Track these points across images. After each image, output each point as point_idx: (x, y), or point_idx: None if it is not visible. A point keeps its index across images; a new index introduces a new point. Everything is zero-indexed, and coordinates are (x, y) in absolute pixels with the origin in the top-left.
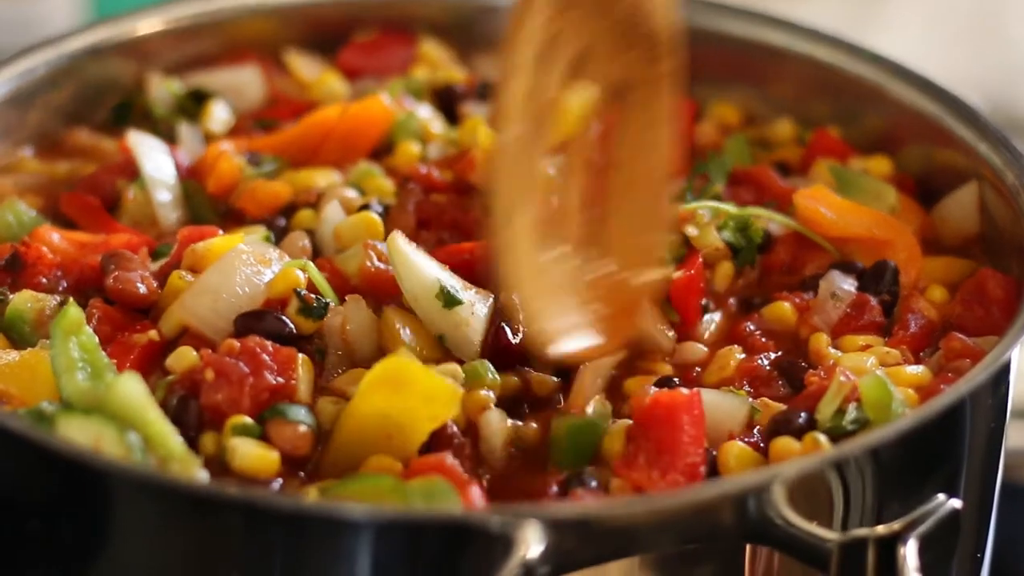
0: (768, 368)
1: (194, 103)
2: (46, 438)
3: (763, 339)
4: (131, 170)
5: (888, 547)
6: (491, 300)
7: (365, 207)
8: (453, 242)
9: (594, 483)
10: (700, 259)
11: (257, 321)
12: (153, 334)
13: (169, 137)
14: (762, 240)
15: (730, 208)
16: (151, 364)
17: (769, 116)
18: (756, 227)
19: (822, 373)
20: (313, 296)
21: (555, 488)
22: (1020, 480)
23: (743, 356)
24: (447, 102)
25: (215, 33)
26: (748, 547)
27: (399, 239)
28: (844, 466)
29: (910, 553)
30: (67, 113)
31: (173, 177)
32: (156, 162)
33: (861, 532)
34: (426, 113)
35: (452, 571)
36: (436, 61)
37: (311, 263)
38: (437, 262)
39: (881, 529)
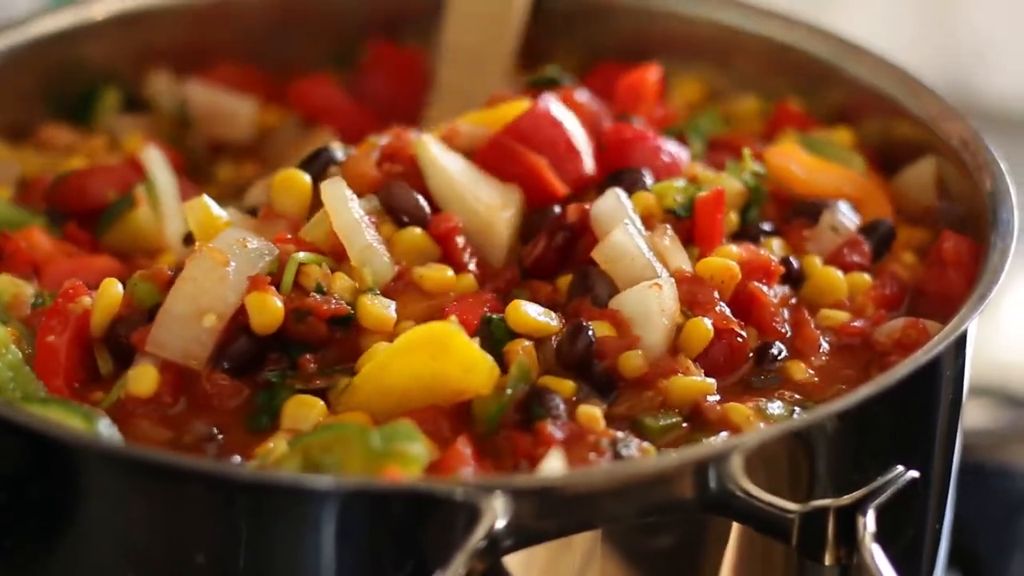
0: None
1: None
2: (10, 410)
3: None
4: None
5: (848, 517)
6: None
7: (319, 152)
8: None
9: (561, 406)
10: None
11: None
12: (86, 301)
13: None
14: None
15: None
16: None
17: (730, 92)
18: (764, 189)
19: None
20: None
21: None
22: (979, 458)
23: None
24: None
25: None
26: (709, 520)
27: (430, 144)
28: (803, 437)
29: (869, 523)
30: (35, 98)
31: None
32: (171, 189)
33: (822, 502)
34: None
35: (418, 542)
36: None
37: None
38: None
39: (841, 499)
